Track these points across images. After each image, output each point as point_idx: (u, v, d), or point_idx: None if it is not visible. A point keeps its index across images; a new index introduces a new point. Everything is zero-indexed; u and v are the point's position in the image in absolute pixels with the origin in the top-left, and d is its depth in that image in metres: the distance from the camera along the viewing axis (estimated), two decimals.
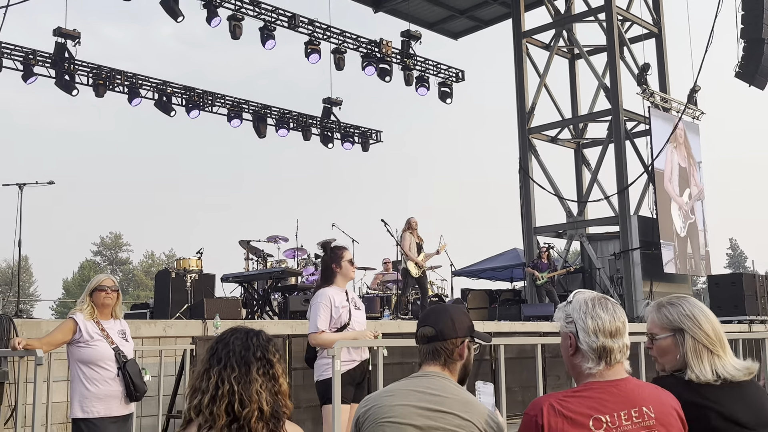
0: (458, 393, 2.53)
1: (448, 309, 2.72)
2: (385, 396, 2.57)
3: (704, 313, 2.60)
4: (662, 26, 20.14)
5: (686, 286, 19.04)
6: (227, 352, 2.24)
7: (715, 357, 2.54)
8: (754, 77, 18.77)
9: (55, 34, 15.37)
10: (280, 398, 2.24)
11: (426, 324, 2.66)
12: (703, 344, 2.54)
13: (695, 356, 2.53)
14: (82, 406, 4.71)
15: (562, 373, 9.89)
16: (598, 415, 2.23)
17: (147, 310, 12.76)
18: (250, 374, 2.19)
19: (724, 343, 2.59)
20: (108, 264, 70.17)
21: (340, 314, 5.44)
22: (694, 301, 2.65)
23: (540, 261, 16.61)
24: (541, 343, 5.85)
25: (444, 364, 2.60)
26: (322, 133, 20.87)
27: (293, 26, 17.20)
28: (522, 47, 20.04)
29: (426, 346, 2.63)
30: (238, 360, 2.21)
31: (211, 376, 2.20)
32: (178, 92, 18.14)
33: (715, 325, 2.59)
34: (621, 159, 18.17)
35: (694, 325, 2.56)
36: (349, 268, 5.62)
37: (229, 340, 2.28)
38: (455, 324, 2.62)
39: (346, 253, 5.67)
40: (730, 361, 2.56)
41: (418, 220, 12.70)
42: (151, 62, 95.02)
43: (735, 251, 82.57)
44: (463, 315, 2.70)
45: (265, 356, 2.25)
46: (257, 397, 2.17)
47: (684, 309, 2.60)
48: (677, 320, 2.58)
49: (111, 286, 4.94)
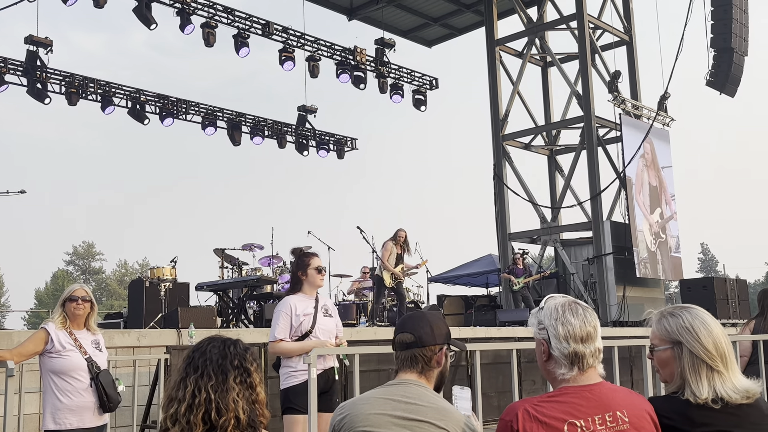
0: (434, 401, 2.51)
1: (426, 315, 2.69)
2: (360, 404, 2.54)
3: (706, 325, 2.45)
4: (633, 34, 20.39)
5: (659, 290, 19.24)
6: (204, 360, 2.23)
7: (716, 373, 2.40)
8: (725, 85, 19.10)
9: (26, 42, 15.19)
10: (257, 407, 2.23)
11: (404, 330, 2.63)
12: (702, 359, 2.40)
13: (693, 372, 2.41)
14: (55, 418, 4.65)
15: (538, 377, 9.95)
16: (573, 420, 2.24)
17: (121, 319, 12.63)
18: (227, 383, 2.19)
19: (728, 359, 2.42)
20: (81, 273, 69.37)
21: (300, 322, 5.34)
22: (697, 313, 2.50)
23: (515, 267, 16.77)
24: (516, 348, 5.88)
25: (421, 372, 2.57)
26: (297, 140, 20.83)
27: (267, 34, 17.16)
28: (495, 55, 20.18)
29: (404, 352, 2.60)
30: (215, 368, 2.20)
31: (187, 385, 2.19)
32: (151, 100, 18.00)
33: (717, 339, 2.43)
34: (593, 165, 18.34)
35: (692, 338, 2.43)
36: (315, 276, 5.52)
37: (206, 349, 2.27)
38: (434, 330, 2.60)
39: (314, 261, 5.56)
40: (732, 380, 2.41)
41: (406, 234, 12.75)
42: (124, 70, 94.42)
43: (706, 255, 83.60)
44: (440, 321, 2.69)
45: (242, 365, 2.24)
46: (234, 406, 2.16)
47: (683, 321, 2.47)
48: (675, 332, 2.47)
49: (83, 296, 4.88)
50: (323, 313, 5.49)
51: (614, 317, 17.19)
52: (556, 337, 2.36)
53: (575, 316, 2.37)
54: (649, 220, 18.52)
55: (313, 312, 5.42)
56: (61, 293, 4.98)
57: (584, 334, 2.35)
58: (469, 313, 17.18)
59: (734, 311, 17.44)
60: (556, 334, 2.36)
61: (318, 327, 5.39)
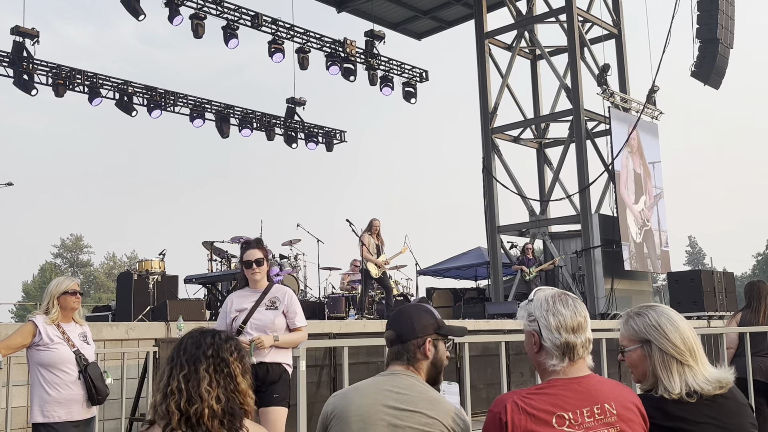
0: (424, 391, 2.57)
1: (407, 311, 2.73)
2: (352, 394, 2.59)
3: (672, 322, 2.51)
4: (622, 27, 20.43)
5: (646, 282, 19.35)
6: (179, 351, 2.29)
7: (686, 368, 2.46)
8: (709, 77, 19.15)
9: (12, 32, 15.08)
10: (237, 396, 2.25)
11: (388, 327, 2.73)
12: (671, 355, 2.46)
13: (663, 368, 2.46)
14: (43, 411, 4.63)
15: (526, 370, 9.99)
16: (561, 412, 2.26)
17: (109, 312, 12.60)
18: (198, 372, 2.21)
19: (696, 353, 2.48)
20: (69, 266, 69.05)
21: (233, 318, 5.13)
22: (663, 310, 2.56)
23: (525, 257, 16.95)
24: (505, 340, 5.89)
25: (408, 363, 2.63)
26: (286, 133, 20.79)
27: (256, 25, 17.10)
28: (485, 48, 20.18)
29: (390, 348, 2.69)
30: (188, 358, 2.25)
31: (164, 375, 2.25)
32: (139, 92, 17.92)
33: (684, 334, 2.49)
34: (582, 158, 18.40)
35: (660, 335, 2.49)
36: (246, 271, 5.18)
37: (183, 340, 2.33)
38: (415, 324, 2.65)
39: (246, 254, 5.18)
40: (703, 372, 2.46)
41: (381, 222, 12.74)
42: (112, 61, 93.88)
43: (694, 248, 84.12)
44: (425, 314, 2.71)
45: (218, 354, 2.27)
46: (206, 395, 2.19)
47: (650, 319, 2.52)
48: (643, 331, 2.52)
49: (78, 290, 4.91)
50: (266, 307, 5.14)
51: (602, 310, 17.28)
52: (547, 327, 2.37)
53: (566, 306, 2.39)
54: (632, 210, 18.61)
55: (250, 307, 5.13)
56: (49, 287, 4.94)
57: (575, 325, 2.36)
58: (458, 306, 17.23)
59: (721, 304, 17.54)
60: (547, 324, 2.37)
61: (252, 322, 5.10)
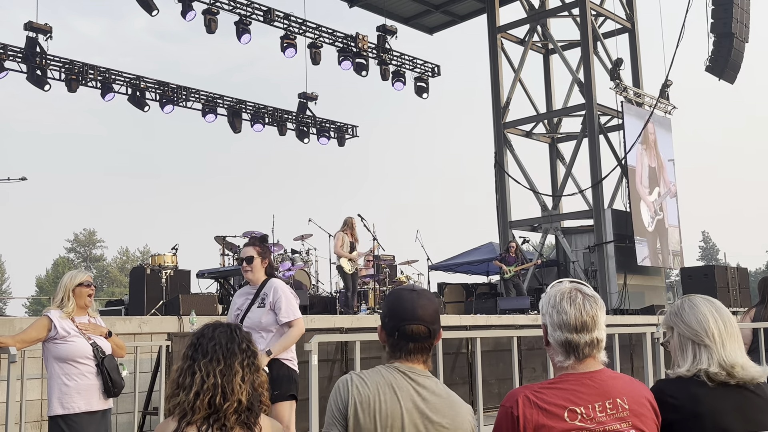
0: (445, 395, 2.44)
1: (433, 303, 2.54)
2: (385, 389, 2.37)
3: (692, 305, 2.54)
4: (635, 21, 20.32)
5: (659, 278, 19.27)
6: (213, 345, 2.23)
7: (702, 347, 2.47)
8: (724, 71, 19.01)
9: (26, 28, 15.14)
10: (260, 391, 2.25)
11: (419, 321, 2.52)
12: (686, 336, 2.50)
13: (679, 349, 2.53)
14: (62, 403, 4.65)
15: (538, 365, 9.97)
16: (573, 407, 2.25)
17: (122, 306, 12.66)
18: (233, 367, 2.20)
19: (714, 334, 2.46)
20: (82, 261, 69.47)
21: (235, 316, 5.18)
22: (692, 298, 2.60)
23: (508, 255, 16.73)
24: (516, 335, 5.90)
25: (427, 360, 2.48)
26: (298, 128, 20.79)
27: (269, 20, 17.11)
28: (497, 42, 20.13)
29: (416, 343, 2.49)
30: (225, 352, 2.22)
31: (195, 371, 2.20)
32: (151, 87, 17.97)
33: (702, 315, 2.50)
34: (595, 153, 18.33)
35: (678, 319, 2.55)
36: (242, 269, 5.31)
37: (214, 334, 2.27)
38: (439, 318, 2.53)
39: (241, 252, 5.28)
40: (723, 354, 2.43)
41: (355, 221, 12.90)
42: (124, 56, 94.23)
43: (707, 244, 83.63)
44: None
45: (249, 348, 2.26)
46: (238, 389, 2.18)
47: (675, 307, 2.61)
48: (668, 319, 2.61)
49: (92, 282, 4.96)
50: (257, 305, 5.14)
51: (615, 305, 17.23)
52: (551, 324, 2.36)
53: (572, 304, 2.34)
54: (646, 200, 18.51)
55: (246, 305, 5.18)
56: (62, 280, 4.96)
57: (579, 324, 2.31)
58: (469, 301, 17.23)
59: (735, 299, 17.46)
60: (551, 321, 2.36)
61: (245, 321, 5.11)
